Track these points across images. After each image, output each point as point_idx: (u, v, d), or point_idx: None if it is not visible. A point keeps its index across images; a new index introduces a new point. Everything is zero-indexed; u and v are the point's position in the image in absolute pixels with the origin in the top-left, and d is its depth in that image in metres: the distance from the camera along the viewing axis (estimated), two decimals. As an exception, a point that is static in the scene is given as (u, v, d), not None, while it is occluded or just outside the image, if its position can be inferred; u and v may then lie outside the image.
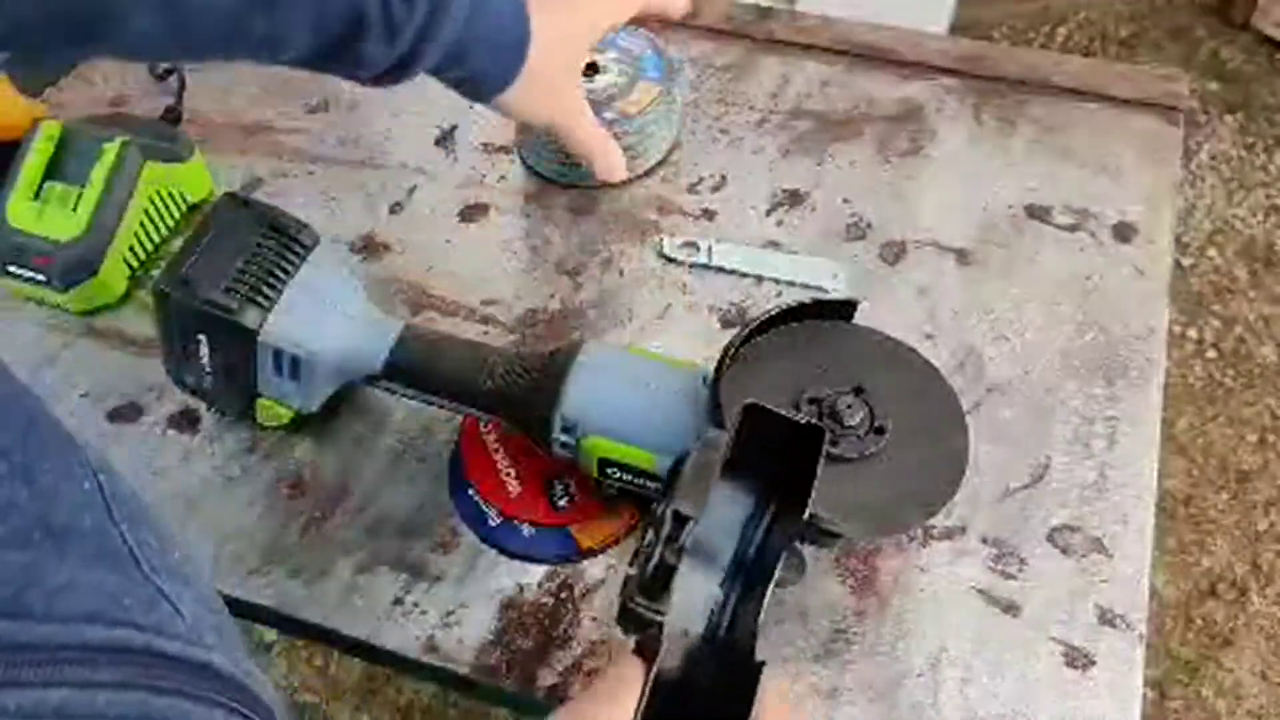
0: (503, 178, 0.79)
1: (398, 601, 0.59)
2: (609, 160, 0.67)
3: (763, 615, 0.43)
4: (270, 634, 1.46)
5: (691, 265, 0.73)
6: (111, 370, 0.69)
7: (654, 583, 0.41)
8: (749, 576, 0.45)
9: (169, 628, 0.29)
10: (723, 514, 0.45)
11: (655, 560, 0.40)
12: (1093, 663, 0.55)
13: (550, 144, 0.76)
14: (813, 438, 0.43)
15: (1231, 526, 1.61)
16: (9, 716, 0.24)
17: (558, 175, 0.78)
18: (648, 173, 0.78)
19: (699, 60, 0.86)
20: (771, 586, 0.43)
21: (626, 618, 0.41)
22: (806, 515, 0.43)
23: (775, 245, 0.74)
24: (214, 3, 0.49)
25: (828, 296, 0.66)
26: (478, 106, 0.62)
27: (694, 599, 0.44)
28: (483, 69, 0.59)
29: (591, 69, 0.75)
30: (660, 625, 0.40)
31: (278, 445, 0.65)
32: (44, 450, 0.31)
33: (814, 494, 0.43)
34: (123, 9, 0.47)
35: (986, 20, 2.27)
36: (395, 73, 0.56)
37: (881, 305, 0.70)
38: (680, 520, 0.41)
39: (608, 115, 0.73)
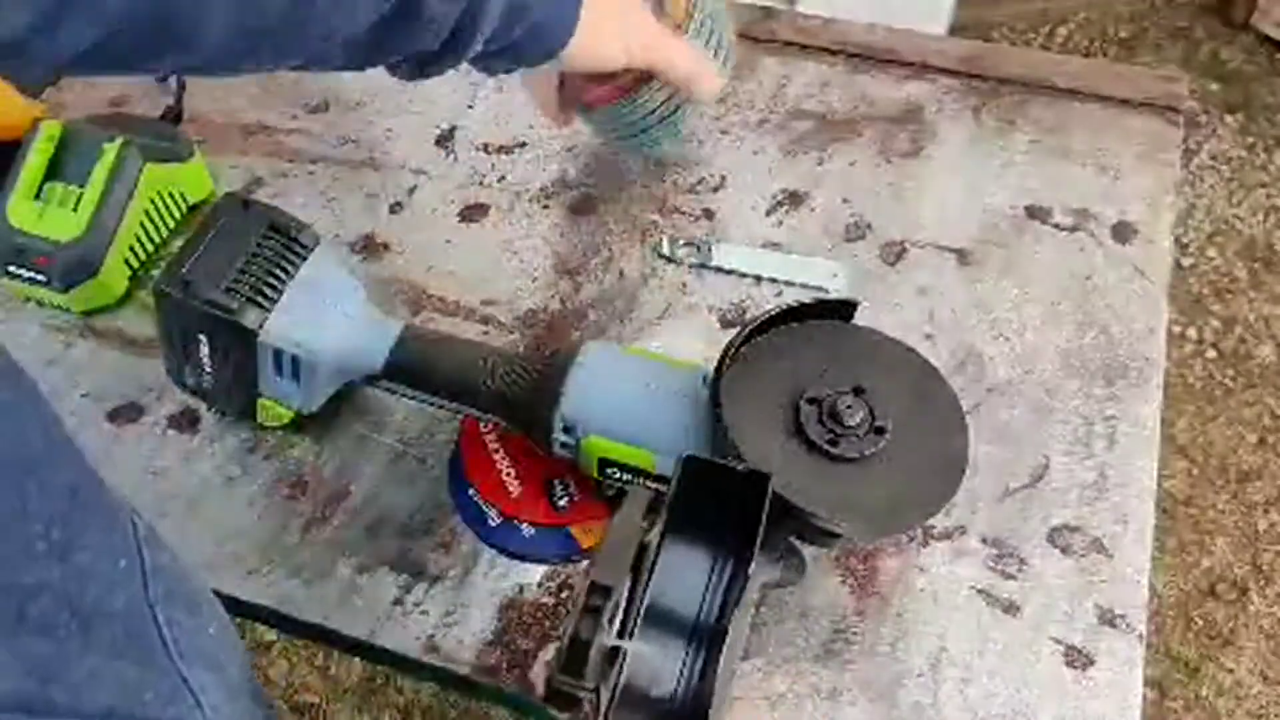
0: (503, 178, 0.79)
1: (398, 601, 0.59)
2: (707, 78, 0.63)
3: (719, 673, 0.39)
4: (270, 634, 1.47)
5: (691, 265, 0.73)
6: (111, 370, 0.69)
7: (575, 658, 0.37)
8: (708, 638, 0.42)
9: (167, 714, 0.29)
10: (677, 576, 0.42)
11: (571, 634, 0.37)
12: (1093, 663, 0.55)
13: (623, 107, 0.69)
14: (758, 485, 0.41)
15: (1231, 526, 1.61)
16: None
17: (641, 143, 0.73)
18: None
19: (699, 60, 0.86)
20: (725, 648, 0.40)
21: (553, 697, 0.38)
22: (750, 569, 0.41)
23: (775, 245, 0.74)
24: None
25: (828, 296, 0.66)
26: (478, 106, 0.62)
27: (654, 668, 0.41)
28: (542, 18, 0.54)
29: None
30: (591, 701, 0.37)
31: (278, 445, 0.65)
32: (86, 524, 0.30)
33: (758, 547, 0.40)
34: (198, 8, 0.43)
35: (986, 20, 2.27)
36: (455, 41, 0.51)
37: (881, 305, 0.70)
38: (601, 591, 0.37)
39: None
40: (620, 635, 0.38)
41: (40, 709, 0.26)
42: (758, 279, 0.72)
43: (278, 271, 0.58)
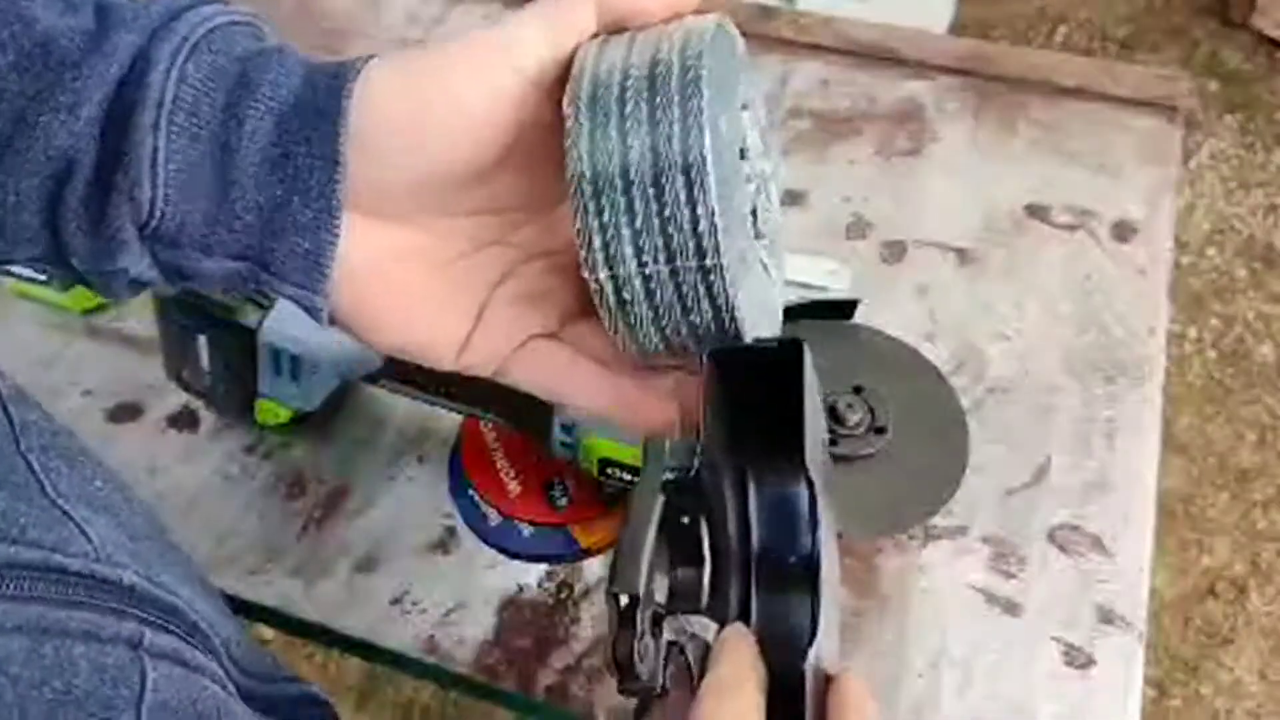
0: (503, 177, 0.79)
1: (397, 601, 0.59)
2: None
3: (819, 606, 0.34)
4: (270, 633, 1.46)
5: (691, 265, 0.73)
6: (111, 370, 0.69)
7: (626, 673, 0.33)
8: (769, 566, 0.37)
9: (71, 546, 0.29)
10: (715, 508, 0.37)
11: (611, 654, 0.33)
12: (1093, 662, 0.55)
13: None
14: (793, 355, 0.35)
15: (1231, 526, 1.61)
16: None
17: None
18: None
19: (699, 60, 0.86)
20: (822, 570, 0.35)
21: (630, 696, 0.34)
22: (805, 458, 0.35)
23: (775, 245, 0.74)
24: None
25: (828, 296, 0.66)
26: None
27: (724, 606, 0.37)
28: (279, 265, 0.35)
29: None
30: (656, 691, 0.34)
31: (278, 445, 0.65)
32: None
33: (806, 429, 0.35)
34: None
35: (986, 20, 2.27)
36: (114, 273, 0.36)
37: (881, 305, 0.70)
38: (625, 601, 0.33)
39: None
40: (670, 615, 0.35)
41: None
42: (758, 278, 0.72)
43: (277, 271, 0.58)
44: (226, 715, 0.31)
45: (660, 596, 0.35)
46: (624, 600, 0.33)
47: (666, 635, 0.35)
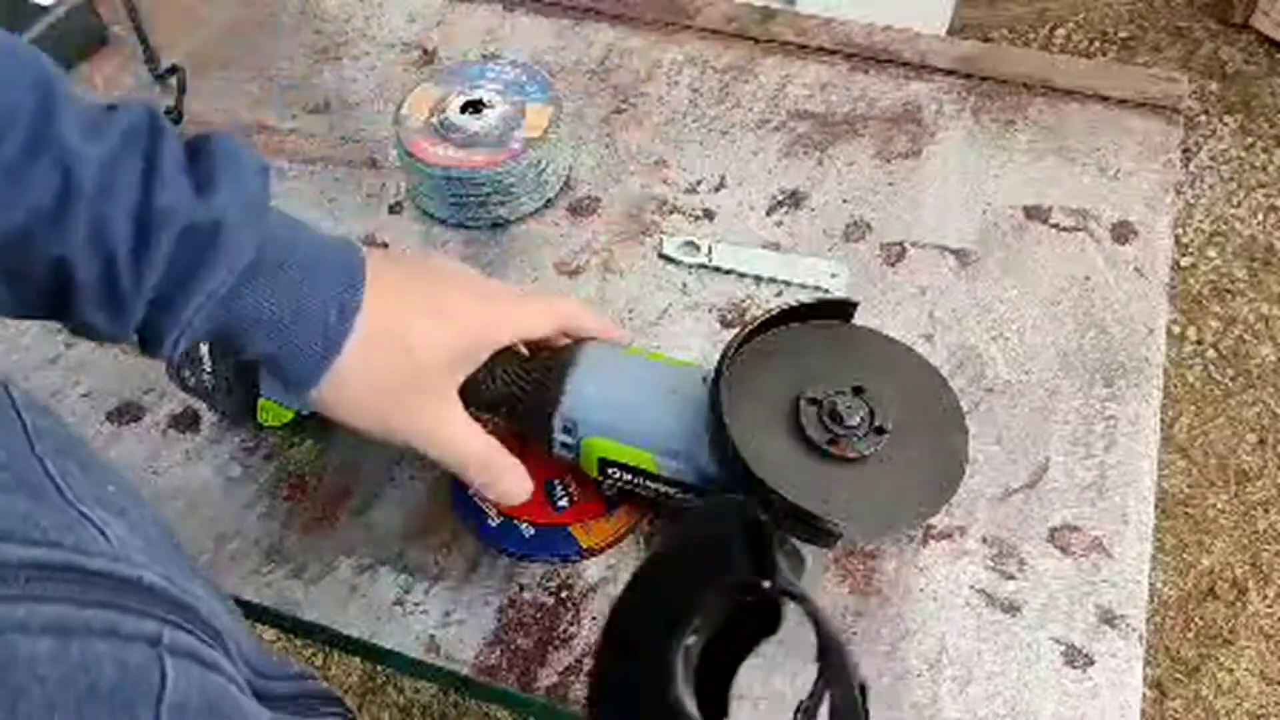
0: (503, 178, 0.79)
1: (398, 601, 0.59)
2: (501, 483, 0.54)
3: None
4: (270, 634, 1.47)
5: (691, 265, 0.73)
6: (112, 370, 0.69)
7: None
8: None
9: (91, 546, 0.30)
10: None
11: None
12: (1093, 663, 0.55)
13: (445, 187, 0.73)
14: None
15: (1231, 526, 1.62)
16: None
17: (449, 216, 0.76)
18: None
19: (699, 60, 0.86)
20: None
21: None
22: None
23: (775, 245, 0.74)
24: None
25: (828, 296, 0.66)
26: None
27: None
28: (271, 355, 0.46)
29: (477, 106, 0.74)
30: None
31: (278, 445, 0.65)
32: None
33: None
34: None
35: (986, 21, 2.27)
36: (145, 343, 0.45)
37: (881, 305, 0.70)
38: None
39: (514, 145, 0.73)
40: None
41: None
42: (758, 279, 0.72)
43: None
44: (240, 713, 0.31)
45: None
46: None
47: None
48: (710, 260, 0.73)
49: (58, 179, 0.40)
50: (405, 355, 0.49)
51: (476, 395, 0.58)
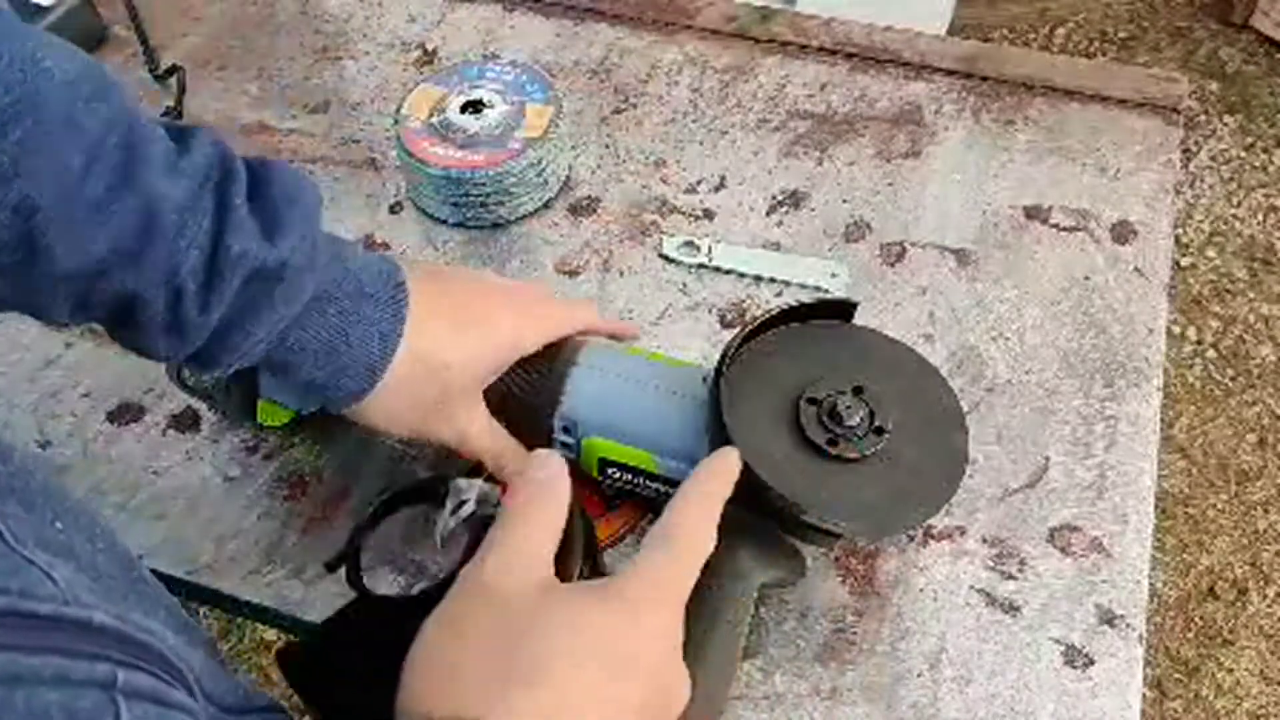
0: (503, 178, 0.79)
1: (398, 601, 0.59)
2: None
3: None
4: (270, 634, 1.47)
5: (691, 265, 0.73)
6: (112, 370, 0.69)
7: None
8: None
9: (38, 590, 0.29)
10: None
11: None
12: (1093, 663, 0.55)
13: (445, 187, 0.73)
14: None
15: (1231, 526, 1.62)
16: None
17: (449, 216, 0.76)
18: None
19: (699, 60, 0.86)
20: None
21: None
22: None
23: (775, 245, 0.74)
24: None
25: (828, 296, 0.66)
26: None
27: None
28: (319, 382, 0.50)
29: (477, 106, 0.75)
30: None
31: (278, 445, 0.65)
32: None
33: None
34: None
35: (986, 21, 2.27)
36: (198, 364, 0.49)
37: (881, 305, 0.70)
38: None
39: (514, 145, 0.73)
40: None
41: None
42: (758, 279, 0.72)
43: (278, 272, 0.58)
44: None
45: None
46: None
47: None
48: (710, 260, 0.73)
49: (141, 219, 0.42)
50: (442, 371, 0.52)
51: (476, 395, 0.58)
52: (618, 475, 0.56)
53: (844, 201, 0.76)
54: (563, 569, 0.39)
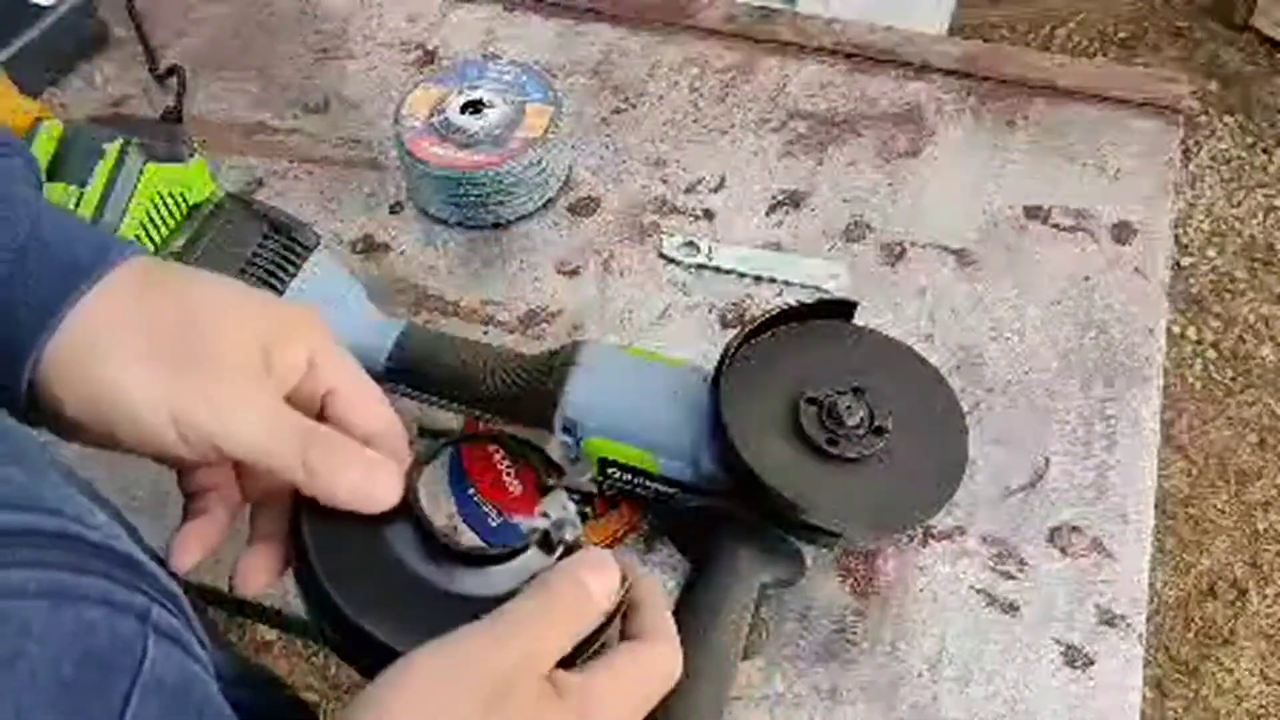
0: (503, 178, 0.79)
1: (398, 601, 0.59)
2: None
3: None
4: (270, 634, 1.47)
5: (691, 265, 0.73)
6: (112, 370, 0.69)
7: None
8: None
9: (88, 519, 0.30)
10: None
11: None
12: (1092, 663, 0.55)
13: (445, 187, 0.73)
14: None
15: (1231, 526, 1.62)
16: None
17: (449, 216, 0.76)
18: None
19: (699, 60, 0.86)
20: None
21: None
22: None
23: (775, 245, 0.74)
24: None
25: (828, 296, 0.66)
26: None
27: None
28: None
29: (477, 106, 0.74)
30: None
31: (278, 445, 0.65)
32: None
33: None
34: None
35: (986, 20, 2.27)
36: None
37: (881, 305, 0.70)
38: None
39: (514, 145, 0.72)
40: None
41: None
42: (758, 279, 0.72)
43: (278, 272, 0.58)
44: (211, 704, 0.31)
45: None
46: None
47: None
48: (710, 260, 0.73)
49: None
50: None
51: (477, 395, 0.58)
52: (618, 475, 0.56)
53: (844, 201, 0.76)
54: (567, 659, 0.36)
